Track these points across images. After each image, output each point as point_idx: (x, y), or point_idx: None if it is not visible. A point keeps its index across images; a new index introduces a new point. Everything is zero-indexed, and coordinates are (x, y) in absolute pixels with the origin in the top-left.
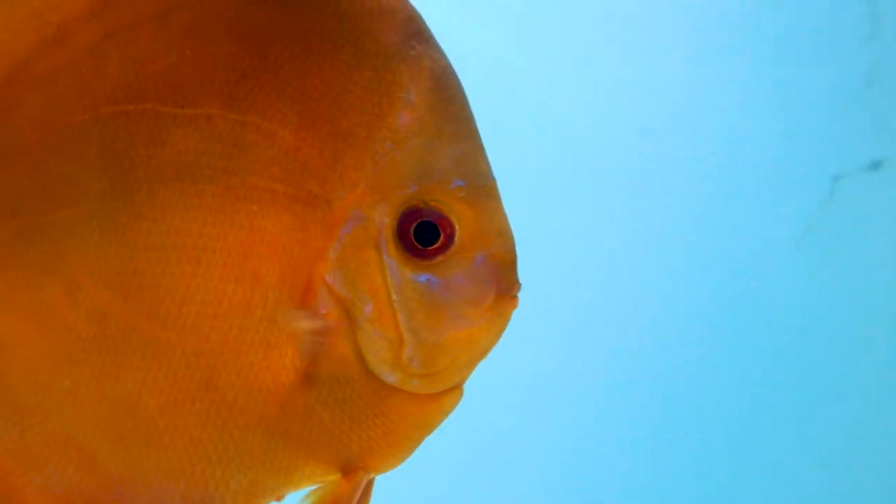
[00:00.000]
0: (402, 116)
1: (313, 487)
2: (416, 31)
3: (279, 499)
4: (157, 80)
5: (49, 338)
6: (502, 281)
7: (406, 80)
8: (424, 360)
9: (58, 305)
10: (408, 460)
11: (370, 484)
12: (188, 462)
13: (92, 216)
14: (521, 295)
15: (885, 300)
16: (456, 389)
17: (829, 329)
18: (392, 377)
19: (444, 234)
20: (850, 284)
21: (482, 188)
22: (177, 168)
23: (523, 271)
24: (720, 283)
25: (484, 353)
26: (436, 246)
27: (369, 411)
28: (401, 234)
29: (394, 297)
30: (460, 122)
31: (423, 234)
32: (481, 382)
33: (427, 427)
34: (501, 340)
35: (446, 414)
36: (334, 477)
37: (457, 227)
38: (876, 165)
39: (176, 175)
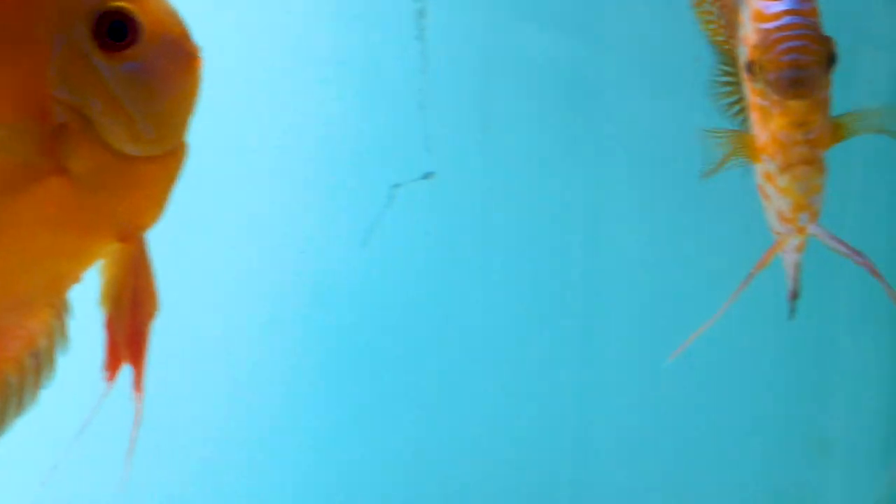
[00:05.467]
0: None
1: (101, 262)
2: None
3: (78, 280)
4: None
5: None
6: (186, 46)
7: None
8: (154, 126)
9: None
10: None
11: (144, 243)
12: (3, 283)
13: None
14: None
15: (435, 292)
16: (183, 145)
17: (390, 318)
18: (135, 149)
19: (130, 27)
20: (409, 275)
21: None
22: None
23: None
24: (297, 279)
25: (193, 108)
26: (128, 39)
27: (126, 182)
28: (99, 39)
29: (113, 88)
30: None
31: (115, 33)
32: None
33: (173, 179)
34: None
35: (182, 164)
36: (116, 246)
37: (138, 19)
38: (427, 175)
39: None
